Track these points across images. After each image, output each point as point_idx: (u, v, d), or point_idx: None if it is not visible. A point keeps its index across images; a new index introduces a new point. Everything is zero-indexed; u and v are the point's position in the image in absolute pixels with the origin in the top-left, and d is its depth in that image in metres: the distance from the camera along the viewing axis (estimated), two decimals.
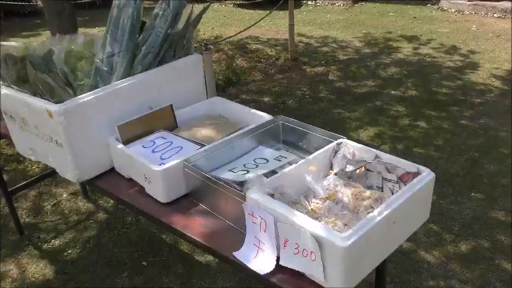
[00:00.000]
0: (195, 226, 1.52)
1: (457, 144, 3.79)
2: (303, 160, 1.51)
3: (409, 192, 1.30)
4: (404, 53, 5.96)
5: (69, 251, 2.78)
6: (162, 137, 1.82)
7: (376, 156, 1.51)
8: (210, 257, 2.67)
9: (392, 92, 4.82)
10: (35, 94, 1.74)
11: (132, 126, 1.81)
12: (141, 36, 1.92)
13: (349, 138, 1.68)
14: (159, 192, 1.61)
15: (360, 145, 1.56)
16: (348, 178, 1.54)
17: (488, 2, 7.46)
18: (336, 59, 5.82)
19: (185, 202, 1.65)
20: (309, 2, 8.92)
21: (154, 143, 1.78)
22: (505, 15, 7.26)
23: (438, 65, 5.49)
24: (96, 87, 1.81)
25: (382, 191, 1.48)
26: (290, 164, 1.66)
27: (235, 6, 9.07)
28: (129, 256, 2.72)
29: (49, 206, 3.17)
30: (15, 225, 2.89)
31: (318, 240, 1.15)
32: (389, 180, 1.47)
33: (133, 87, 1.84)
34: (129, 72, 1.86)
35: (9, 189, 2.80)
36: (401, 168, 1.44)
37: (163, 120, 1.91)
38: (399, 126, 4.14)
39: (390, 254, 1.34)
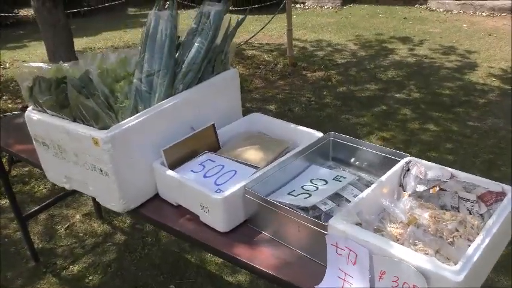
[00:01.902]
0: (263, 257, 1.42)
1: (470, 147, 3.78)
2: (376, 183, 1.42)
3: (503, 215, 1.24)
4: (401, 54, 5.97)
5: (90, 277, 2.63)
6: (210, 160, 1.71)
7: (452, 175, 1.44)
8: (240, 277, 2.57)
9: (397, 95, 4.80)
10: (74, 119, 1.62)
11: (176, 149, 1.70)
12: (178, 52, 1.82)
13: None
14: (219, 221, 1.50)
15: (431, 163, 1.49)
16: (419, 198, 1.47)
17: (476, 1, 7.55)
18: (334, 62, 5.77)
19: (244, 230, 1.54)
20: (298, 6, 8.88)
21: (204, 166, 1.67)
22: (493, 14, 7.36)
23: (437, 66, 5.50)
24: (136, 108, 1.69)
25: (459, 211, 1.41)
26: (352, 184, 1.59)
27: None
28: (155, 280, 2.60)
29: (62, 229, 3.01)
30: (30, 251, 2.72)
31: (425, 274, 1.07)
32: (467, 200, 1.40)
33: (175, 107, 1.72)
34: (170, 92, 1.75)
35: (24, 215, 2.63)
36: (482, 187, 1.37)
37: (205, 140, 1.81)
38: (409, 130, 4.11)
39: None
